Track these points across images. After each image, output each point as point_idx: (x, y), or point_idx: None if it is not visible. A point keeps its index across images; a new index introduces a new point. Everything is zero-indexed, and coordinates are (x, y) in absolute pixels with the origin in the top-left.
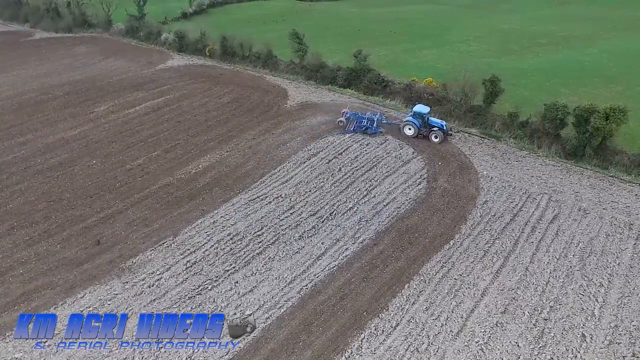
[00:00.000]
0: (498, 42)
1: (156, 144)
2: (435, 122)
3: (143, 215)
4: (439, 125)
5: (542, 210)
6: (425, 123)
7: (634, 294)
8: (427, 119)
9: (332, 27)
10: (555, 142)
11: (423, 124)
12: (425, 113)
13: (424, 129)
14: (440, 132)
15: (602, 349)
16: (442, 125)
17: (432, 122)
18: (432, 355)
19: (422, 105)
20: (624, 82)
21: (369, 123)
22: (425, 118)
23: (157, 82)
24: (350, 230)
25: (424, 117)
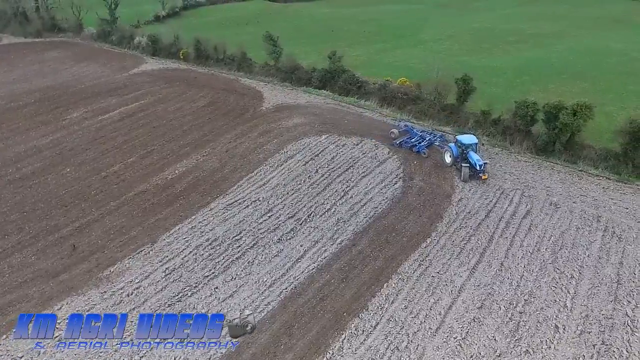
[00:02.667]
0: (470, 41)
1: (131, 150)
2: (472, 157)
3: (120, 223)
4: (473, 161)
5: (515, 206)
6: (464, 154)
7: (602, 284)
8: (467, 152)
9: (306, 29)
10: (526, 138)
11: (461, 155)
12: (467, 144)
13: (460, 160)
14: (467, 168)
15: (574, 338)
16: (476, 162)
17: (470, 156)
18: (412, 353)
19: (469, 135)
20: (590, 78)
21: (417, 140)
22: (464, 149)
23: (130, 87)
24: (329, 232)
25: (463, 148)
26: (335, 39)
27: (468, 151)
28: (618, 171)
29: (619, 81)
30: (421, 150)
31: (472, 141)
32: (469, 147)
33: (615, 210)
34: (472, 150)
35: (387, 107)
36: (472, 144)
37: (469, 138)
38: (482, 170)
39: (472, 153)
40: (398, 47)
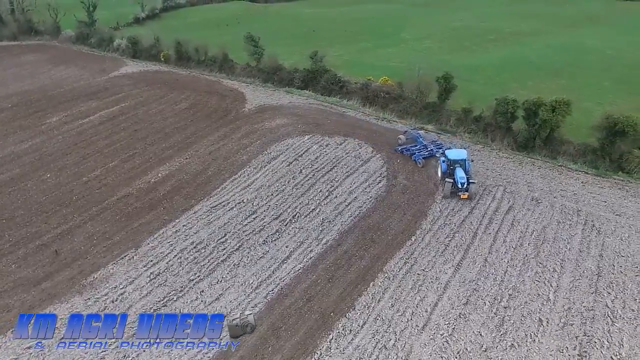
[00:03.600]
0: (450, 40)
1: (113, 154)
2: (457, 173)
3: (103, 228)
4: (456, 178)
5: (497, 202)
6: (450, 170)
7: (583, 277)
8: (455, 167)
9: (288, 29)
10: (507, 135)
11: (448, 170)
12: (453, 159)
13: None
14: (449, 184)
15: (557, 331)
16: (459, 180)
17: (456, 172)
18: (400, 351)
19: (459, 149)
20: (568, 75)
21: (418, 149)
22: (451, 164)
23: (111, 90)
24: (314, 232)
25: (449, 163)
26: (317, 39)
27: (456, 167)
28: (596, 165)
29: (595, 78)
30: (417, 160)
31: (459, 156)
32: (457, 162)
33: (594, 204)
34: (461, 166)
35: (370, 106)
36: (460, 160)
37: (457, 153)
38: (463, 189)
39: (459, 169)
40: (379, 46)
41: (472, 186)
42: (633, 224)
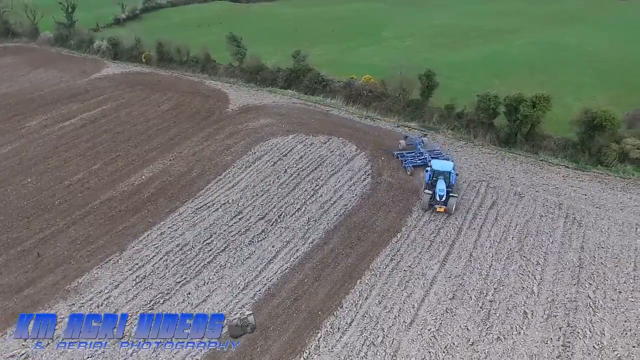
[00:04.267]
0: (431, 38)
1: (95, 157)
2: (439, 185)
3: (86, 232)
4: (436, 189)
5: (481, 197)
6: (433, 180)
7: (566, 269)
8: (437, 179)
9: (270, 29)
10: (489, 131)
11: (430, 181)
12: (436, 170)
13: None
14: (428, 196)
15: (541, 323)
16: (437, 192)
17: (438, 183)
18: (388, 347)
19: (445, 161)
20: (548, 71)
21: (411, 156)
22: (434, 175)
23: (92, 93)
24: (300, 231)
25: (433, 174)
26: (299, 38)
27: (439, 178)
28: (576, 159)
29: (574, 74)
30: (406, 167)
31: (444, 168)
32: (440, 174)
33: (575, 197)
34: (445, 179)
35: (353, 104)
36: (444, 172)
37: (441, 164)
38: (441, 202)
39: (441, 181)
40: (362, 45)
41: (452, 200)
42: (612, 216)
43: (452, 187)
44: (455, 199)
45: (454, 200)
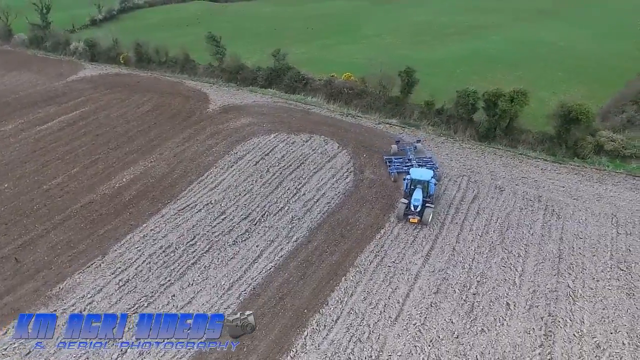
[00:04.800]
0: (410, 35)
1: (74, 161)
2: (415, 194)
3: (67, 237)
4: (412, 198)
5: (463, 192)
6: (410, 189)
7: (546, 260)
8: (415, 188)
9: (249, 28)
10: (469, 126)
11: (408, 189)
12: (414, 179)
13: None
14: (403, 205)
15: (524, 313)
16: (412, 201)
17: (415, 192)
18: (374, 343)
19: (425, 169)
20: (524, 67)
21: (398, 162)
22: (411, 184)
23: (69, 95)
24: (284, 230)
25: (411, 183)
26: (279, 37)
27: (417, 187)
28: (554, 152)
29: (549, 69)
30: (390, 172)
31: (422, 177)
32: (419, 183)
33: (553, 189)
34: (423, 188)
35: (334, 102)
36: (423, 180)
37: (420, 173)
38: (415, 213)
39: (418, 191)
40: (341, 43)
41: (428, 211)
42: (589, 207)
43: (430, 197)
44: (431, 209)
45: (430, 210)
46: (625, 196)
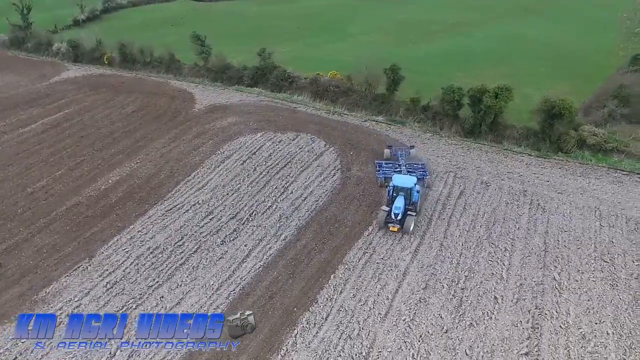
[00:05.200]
0: (396, 33)
1: (59, 163)
2: (397, 202)
3: (52, 240)
4: (392, 207)
5: (449, 188)
6: (392, 196)
7: (532, 254)
8: (397, 195)
9: (234, 27)
10: (454, 122)
11: (390, 196)
12: (396, 185)
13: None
14: (384, 213)
15: (511, 307)
16: (393, 209)
17: (397, 199)
18: (364, 340)
19: (407, 176)
20: (509, 63)
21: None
22: (393, 191)
23: (53, 97)
24: (272, 229)
25: (394, 190)
26: (264, 36)
27: (399, 194)
28: (538, 147)
29: (533, 65)
30: (378, 177)
31: (404, 184)
32: (401, 190)
33: (538, 184)
34: (405, 196)
35: (320, 100)
36: (405, 188)
37: (403, 179)
38: (393, 221)
39: (400, 198)
40: (327, 41)
41: (409, 219)
42: (573, 201)
43: (414, 205)
44: (413, 218)
45: (411, 219)
46: (607, 189)
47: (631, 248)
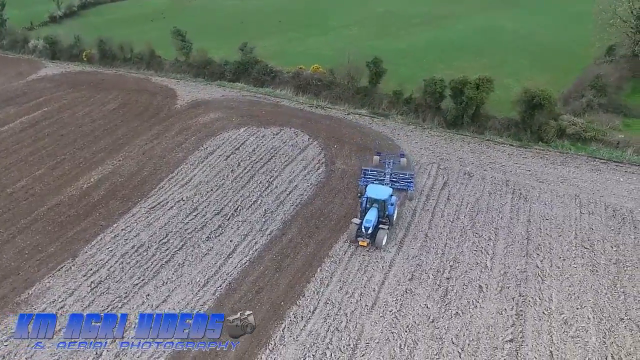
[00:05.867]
0: (377, 26)
1: (39, 162)
2: (369, 215)
3: (34, 241)
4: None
5: (433, 179)
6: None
7: (515, 242)
8: (370, 207)
9: (215, 22)
10: (437, 114)
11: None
12: (370, 197)
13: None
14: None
15: (496, 295)
16: (364, 222)
17: (369, 212)
18: (352, 332)
19: (383, 187)
20: (489, 54)
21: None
22: (367, 202)
23: (30, 95)
24: (257, 224)
25: (366, 201)
26: (245, 31)
27: (373, 206)
28: (519, 137)
29: (513, 56)
30: (359, 185)
31: (378, 196)
32: (375, 202)
33: (520, 173)
34: (380, 208)
35: (303, 94)
36: (379, 200)
37: (376, 190)
38: (363, 235)
39: (373, 210)
40: (309, 35)
41: (381, 233)
42: (554, 189)
43: (388, 218)
44: (385, 232)
45: (383, 233)
46: (587, 177)
47: (610, 234)
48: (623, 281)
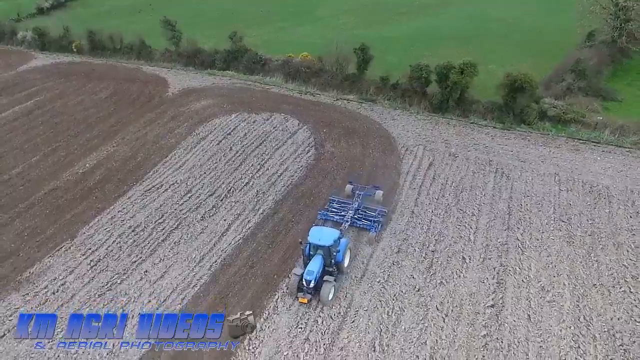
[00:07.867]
0: (364, 15)
1: (34, 149)
2: (311, 265)
3: (33, 224)
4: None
5: (419, 160)
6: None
7: (497, 217)
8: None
9: (204, 12)
10: (423, 99)
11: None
12: (313, 243)
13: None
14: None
15: (478, 265)
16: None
17: (312, 261)
18: (342, 300)
19: (330, 229)
20: (475, 42)
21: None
22: (310, 249)
23: (22, 85)
24: (250, 204)
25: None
26: (235, 21)
27: (316, 253)
28: (502, 120)
29: (498, 43)
30: (318, 217)
31: (322, 241)
32: (319, 248)
33: (502, 154)
34: (325, 256)
35: (292, 82)
36: (324, 246)
37: (320, 234)
38: (305, 290)
39: (317, 259)
40: (297, 24)
41: (326, 287)
42: (535, 168)
43: (338, 266)
44: (331, 284)
45: (329, 286)
46: (566, 157)
47: (586, 209)
48: (597, 251)
